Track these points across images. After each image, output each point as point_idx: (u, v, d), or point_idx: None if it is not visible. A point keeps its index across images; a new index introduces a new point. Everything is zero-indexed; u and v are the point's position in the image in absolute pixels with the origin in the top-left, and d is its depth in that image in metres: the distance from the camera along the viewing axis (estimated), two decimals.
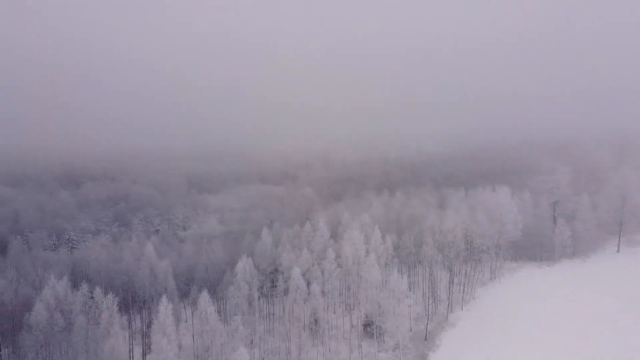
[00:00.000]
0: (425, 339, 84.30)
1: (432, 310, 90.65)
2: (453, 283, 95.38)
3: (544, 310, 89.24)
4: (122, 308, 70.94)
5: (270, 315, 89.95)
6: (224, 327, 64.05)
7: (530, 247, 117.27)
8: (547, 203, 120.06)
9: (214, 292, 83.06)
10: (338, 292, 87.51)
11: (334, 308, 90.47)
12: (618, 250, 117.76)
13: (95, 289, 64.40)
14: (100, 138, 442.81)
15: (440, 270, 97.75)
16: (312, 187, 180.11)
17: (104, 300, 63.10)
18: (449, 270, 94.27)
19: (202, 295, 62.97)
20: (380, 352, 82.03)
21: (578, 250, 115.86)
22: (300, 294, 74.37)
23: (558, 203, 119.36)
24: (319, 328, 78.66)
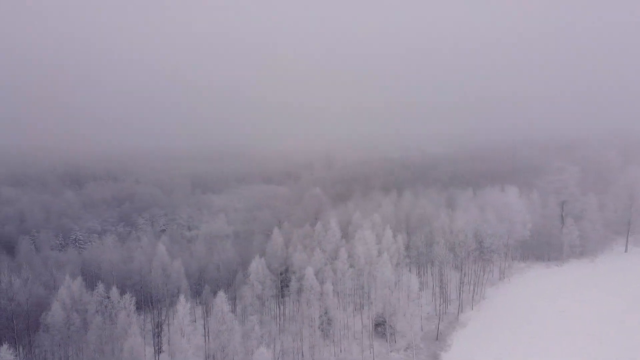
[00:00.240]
0: (437, 339, 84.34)
1: (442, 310, 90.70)
2: (463, 283, 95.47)
3: (554, 310, 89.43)
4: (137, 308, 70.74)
5: (282, 315, 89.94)
6: (241, 327, 63.85)
7: (538, 246, 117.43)
8: (555, 203, 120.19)
9: (226, 292, 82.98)
10: (350, 292, 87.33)
11: (345, 308, 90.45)
12: (626, 250, 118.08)
13: (112, 289, 64.29)
14: (102, 138, 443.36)
15: (450, 270, 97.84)
16: (316, 187, 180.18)
17: (120, 300, 63.00)
18: (460, 270, 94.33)
19: (218, 295, 62.90)
20: (392, 352, 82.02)
21: (586, 250, 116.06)
22: (314, 294, 74.32)
23: (566, 203, 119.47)
24: (332, 328, 78.63)
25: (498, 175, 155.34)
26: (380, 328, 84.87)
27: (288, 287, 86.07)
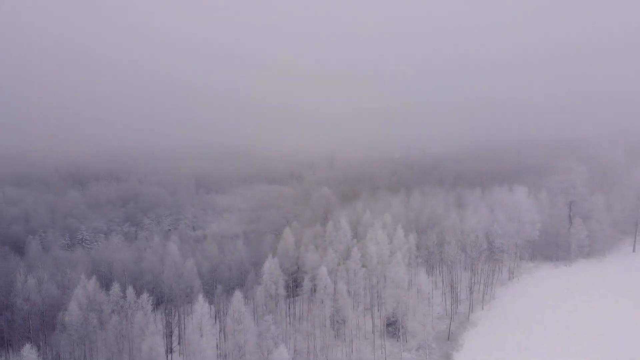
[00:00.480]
0: (448, 339, 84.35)
1: (453, 310, 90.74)
2: (473, 283, 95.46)
3: (564, 310, 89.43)
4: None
5: (291, 315, 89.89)
6: (257, 327, 63.86)
7: (546, 246, 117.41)
8: (562, 203, 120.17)
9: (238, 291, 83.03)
10: (362, 291, 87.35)
11: (357, 308, 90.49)
12: (633, 250, 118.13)
13: (128, 288, 64.23)
14: (103, 139, 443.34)
15: (461, 270, 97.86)
16: (320, 187, 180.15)
17: (137, 300, 62.94)
18: (470, 270, 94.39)
19: (235, 295, 62.88)
20: (404, 351, 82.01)
21: (593, 250, 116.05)
22: (328, 294, 74.34)
23: (573, 203, 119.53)
24: (345, 328, 78.61)
25: (502, 175, 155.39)
26: (391, 328, 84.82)
27: (298, 286, 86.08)
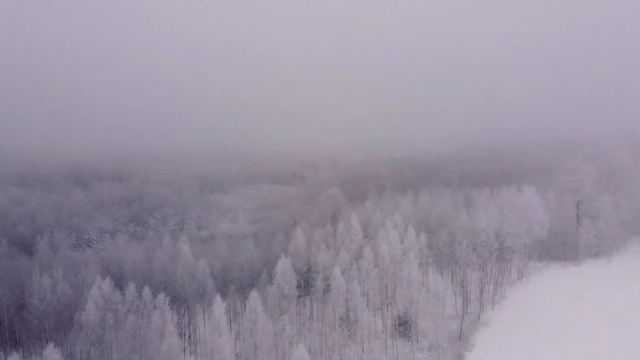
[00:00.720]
0: (460, 339, 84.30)
1: (464, 310, 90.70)
2: (483, 282, 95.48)
3: (574, 310, 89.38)
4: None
5: (301, 315, 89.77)
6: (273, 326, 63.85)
7: (554, 246, 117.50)
8: (570, 203, 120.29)
9: (248, 291, 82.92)
10: (374, 291, 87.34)
11: (368, 307, 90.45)
12: None
13: (144, 288, 64.16)
14: (104, 139, 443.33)
15: (471, 270, 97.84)
16: (324, 187, 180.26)
17: (153, 300, 62.86)
18: (481, 270, 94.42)
19: (251, 295, 62.85)
20: (416, 351, 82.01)
21: (601, 250, 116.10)
22: (341, 294, 74.38)
23: (581, 203, 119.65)
24: (357, 327, 78.62)
25: (506, 175, 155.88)
26: (402, 328, 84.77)
27: (309, 286, 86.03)
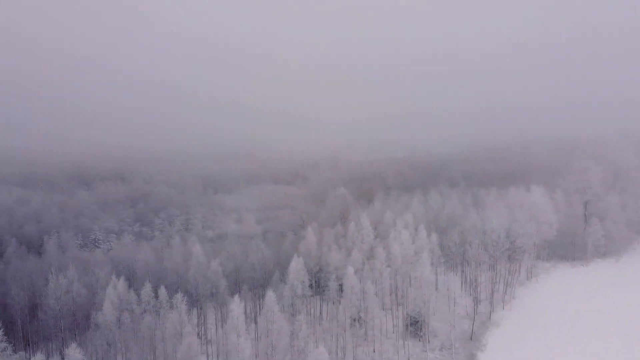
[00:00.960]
0: (471, 339, 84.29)
1: (475, 310, 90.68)
2: (494, 282, 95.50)
3: (584, 310, 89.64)
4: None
5: (310, 314, 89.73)
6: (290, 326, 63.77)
7: (562, 246, 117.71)
8: (578, 202, 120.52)
9: (263, 291, 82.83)
10: (384, 291, 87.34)
11: (380, 307, 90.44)
12: None
13: (160, 288, 64.05)
14: (105, 139, 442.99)
15: (482, 270, 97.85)
16: (328, 186, 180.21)
17: (169, 300, 62.73)
18: (491, 270, 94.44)
19: (268, 295, 62.76)
20: (427, 351, 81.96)
21: (609, 250, 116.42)
22: (355, 294, 74.34)
23: (589, 203, 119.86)
24: (370, 327, 78.60)
25: (511, 175, 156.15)
26: (413, 328, 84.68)
27: (320, 286, 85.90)
